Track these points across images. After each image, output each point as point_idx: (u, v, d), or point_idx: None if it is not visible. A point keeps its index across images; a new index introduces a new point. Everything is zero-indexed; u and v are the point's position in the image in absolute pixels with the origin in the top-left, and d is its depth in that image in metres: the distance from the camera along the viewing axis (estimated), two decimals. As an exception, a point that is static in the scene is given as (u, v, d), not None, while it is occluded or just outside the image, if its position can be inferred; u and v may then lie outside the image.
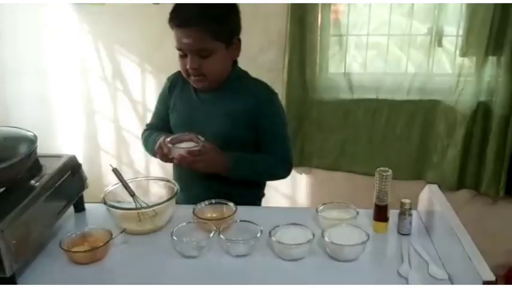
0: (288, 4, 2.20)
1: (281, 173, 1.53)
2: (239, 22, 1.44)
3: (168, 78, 1.58)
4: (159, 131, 1.51)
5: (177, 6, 1.37)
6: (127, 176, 1.44)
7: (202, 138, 1.33)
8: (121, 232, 1.16)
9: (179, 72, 1.51)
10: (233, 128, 1.43)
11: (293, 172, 2.55)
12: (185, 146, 1.31)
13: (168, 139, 1.33)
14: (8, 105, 2.64)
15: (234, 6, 1.42)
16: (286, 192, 2.61)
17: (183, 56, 1.39)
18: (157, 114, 1.61)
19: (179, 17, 1.36)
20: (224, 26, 1.38)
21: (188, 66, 1.37)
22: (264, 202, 2.62)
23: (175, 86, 1.55)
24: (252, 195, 1.59)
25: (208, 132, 1.38)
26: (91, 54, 2.50)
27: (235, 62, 1.50)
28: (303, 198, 2.61)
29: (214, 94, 1.46)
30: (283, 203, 2.61)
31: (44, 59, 2.55)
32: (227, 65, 1.45)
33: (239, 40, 1.45)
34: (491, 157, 2.24)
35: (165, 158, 1.35)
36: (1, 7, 2.43)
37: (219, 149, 1.37)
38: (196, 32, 1.33)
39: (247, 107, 1.43)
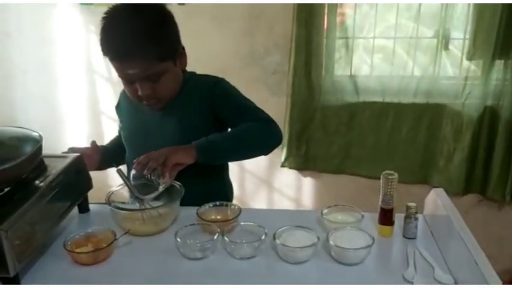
0: (293, 5, 2.19)
1: (271, 132, 1.33)
2: (177, 29, 1.31)
3: (120, 94, 1.52)
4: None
5: (107, 36, 1.25)
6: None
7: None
8: (125, 233, 1.16)
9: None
10: (191, 135, 1.30)
11: (298, 175, 2.57)
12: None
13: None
14: (14, 106, 2.66)
15: (167, 14, 1.28)
16: (291, 195, 2.61)
17: (128, 83, 1.28)
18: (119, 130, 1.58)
19: (114, 49, 1.23)
20: (167, 44, 1.26)
21: (140, 94, 1.27)
22: (269, 204, 2.64)
23: (122, 101, 1.50)
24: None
25: (163, 145, 1.26)
26: (97, 55, 2.50)
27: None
28: (308, 201, 2.60)
29: (166, 105, 1.37)
30: (288, 205, 2.61)
31: (51, 59, 2.56)
32: (179, 79, 1.36)
33: (183, 48, 1.35)
34: (497, 161, 2.22)
35: None
36: (7, 8, 2.45)
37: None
38: (140, 61, 1.22)
39: (200, 106, 1.36)
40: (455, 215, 1.11)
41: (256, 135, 1.32)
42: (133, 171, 1.22)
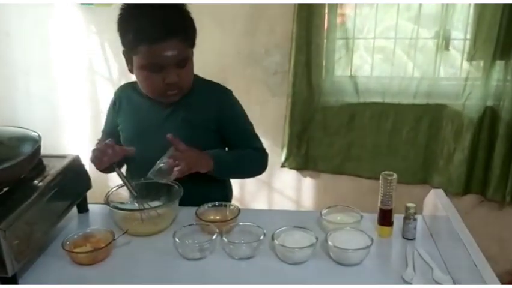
0: (294, 5, 2.19)
1: (263, 163, 1.47)
2: None
3: (114, 93, 1.52)
4: None
5: (141, 23, 1.25)
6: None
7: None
8: (124, 233, 1.16)
9: (123, 86, 1.49)
10: (193, 137, 1.33)
11: (298, 175, 2.57)
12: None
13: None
14: (15, 106, 2.66)
15: (185, 5, 1.33)
16: (291, 195, 2.61)
17: (155, 71, 1.28)
18: (106, 131, 1.54)
19: (154, 33, 1.24)
20: (192, 29, 1.33)
21: (168, 81, 1.28)
22: (269, 205, 2.64)
23: (121, 102, 1.49)
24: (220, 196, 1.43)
25: (165, 146, 1.27)
26: (98, 55, 2.51)
27: None
28: (307, 202, 2.60)
29: (171, 105, 1.39)
30: (287, 206, 2.61)
31: (51, 59, 2.56)
32: (193, 71, 1.40)
33: None
34: (498, 162, 2.22)
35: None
36: (8, 8, 2.45)
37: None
38: (179, 41, 1.26)
39: (206, 112, 1.39)
40: (454, 216, 1.11)
41: (253, 163, 1.47)
42: (162, 164, 1.23)
